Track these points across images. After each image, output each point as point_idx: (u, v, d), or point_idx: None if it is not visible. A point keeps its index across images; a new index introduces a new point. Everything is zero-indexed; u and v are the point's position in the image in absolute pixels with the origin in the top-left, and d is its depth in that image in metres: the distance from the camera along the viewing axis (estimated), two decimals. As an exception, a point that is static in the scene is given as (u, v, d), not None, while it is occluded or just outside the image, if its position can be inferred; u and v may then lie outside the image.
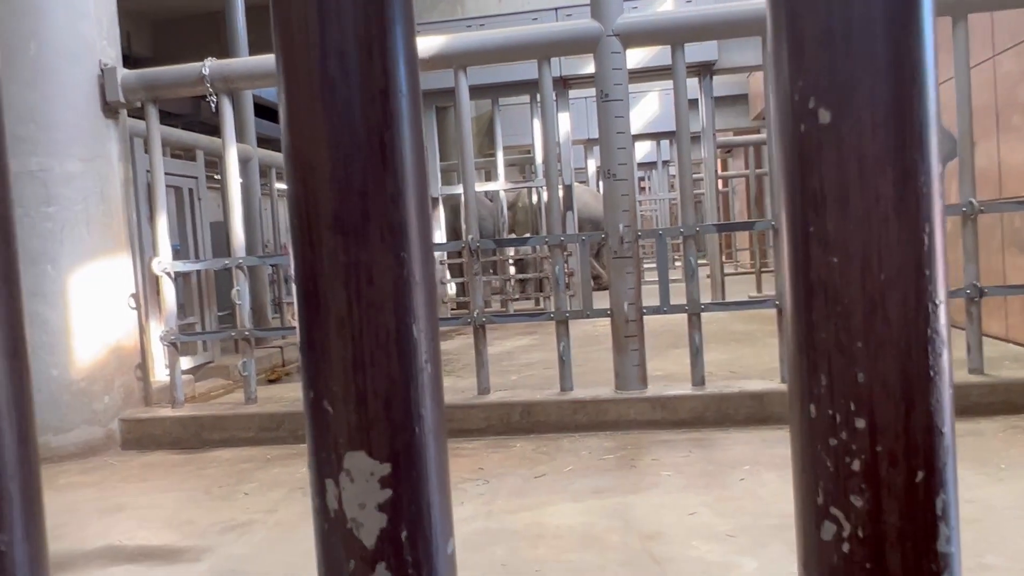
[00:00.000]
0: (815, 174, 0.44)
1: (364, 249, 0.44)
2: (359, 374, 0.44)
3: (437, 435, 0.47)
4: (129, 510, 3.49)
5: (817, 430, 0.45)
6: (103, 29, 4.76)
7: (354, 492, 0.45)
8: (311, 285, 0.44)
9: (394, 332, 0.45)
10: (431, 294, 0.46)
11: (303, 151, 0.45)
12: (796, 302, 0.44)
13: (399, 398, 0.45)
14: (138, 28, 11.83)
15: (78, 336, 4.58)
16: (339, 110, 0.45)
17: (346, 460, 0.46)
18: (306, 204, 0.44)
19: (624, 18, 4.37)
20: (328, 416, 0.45)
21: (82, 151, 4.61)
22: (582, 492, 3.26)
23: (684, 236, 4.47)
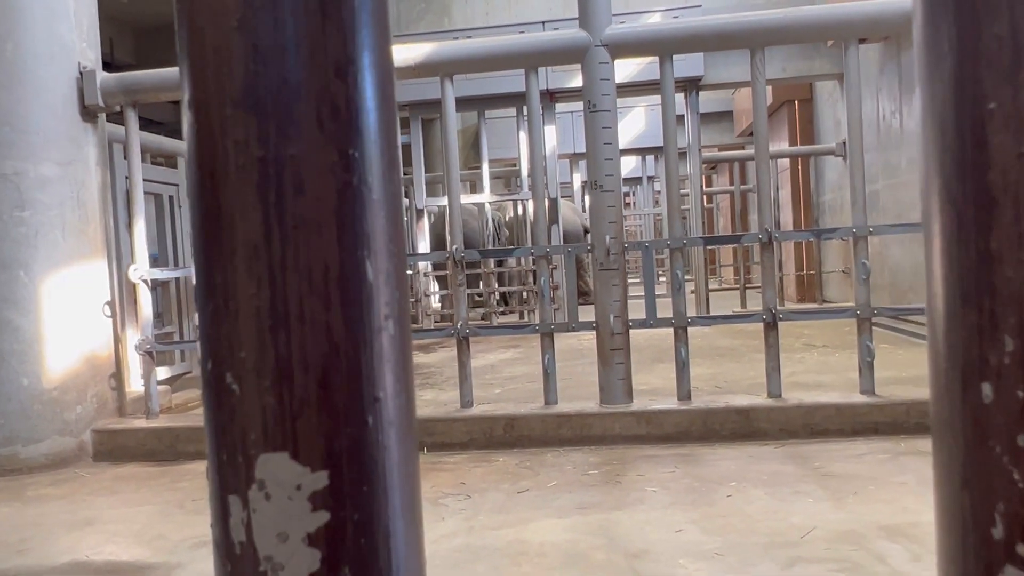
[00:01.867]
0: (1002, 16, 0.28)
1: (291, 139, 0.28)
2: (280, 334, 0.28)
3: (402, 429, 0.31)
4: (98, 524, 3.37)
5: (994, 422, 0.29)
6: (83, 31, 4.67)
7: (271, 516, 0.28)
8: (209, 195, 0.29)
9: (336, 270, 0.29)
10: (395, 218, 0.30)
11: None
12: (959, 222, 0.28)
13: (343, 372, 0.29)
14: (121, 34, 11.73)
15: (51, 344, 4.46)
16: None
17: (259, 466, 0.31)
18: (203, 69, 0.30)
19: (612, 29, 4.34)
20: (233, 398, 0.29)
21: (58, 155, 4.51)
22: (566, 508, 3.18)
23: (671, 249, 4.43)
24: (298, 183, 0.28)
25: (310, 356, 0.29)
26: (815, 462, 3.62)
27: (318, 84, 0.29)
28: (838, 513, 2.93)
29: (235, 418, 0.29)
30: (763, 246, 4.33)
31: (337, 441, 0.29)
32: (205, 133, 0.30)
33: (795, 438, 4.03)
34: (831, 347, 6.81)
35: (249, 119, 0.29)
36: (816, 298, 10.73)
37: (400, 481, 0.30)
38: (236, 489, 0.29)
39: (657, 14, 10.14)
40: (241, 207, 0.29)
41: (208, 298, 0.30)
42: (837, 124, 10.27)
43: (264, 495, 0.29)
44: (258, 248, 0.29)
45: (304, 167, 0.28)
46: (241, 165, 0.28)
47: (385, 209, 0.30)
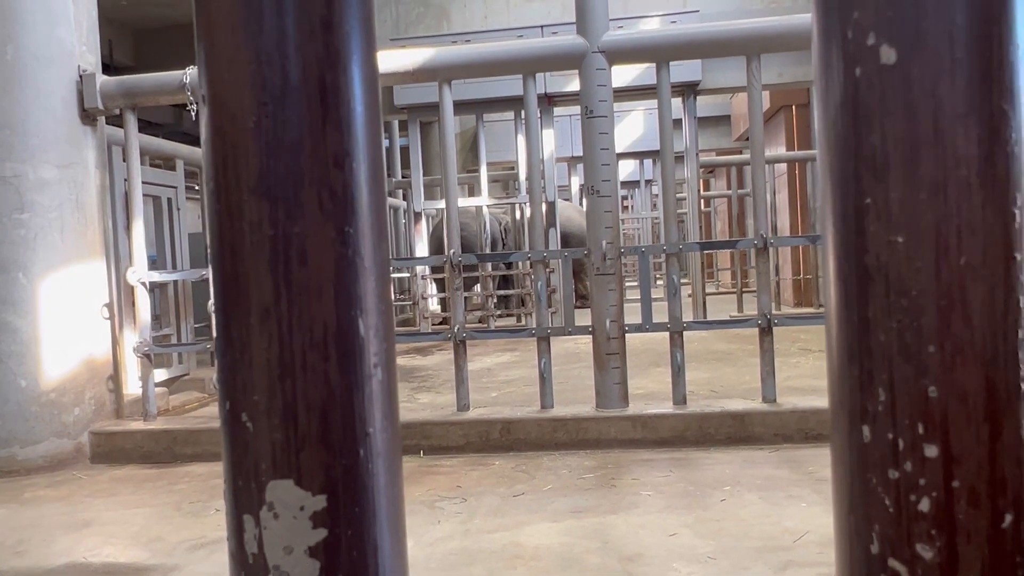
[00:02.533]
0: (875, 130, 0.34)
1: (296, 220, 0.34)
2: (287, 381, 0.34)
3: (389, 459, 0.36)
4: (96, 526, 3.39)
5: (872, 458, 0.35)
6: (83, 35, 4.69)
7: (278, 532, 0.34)
8: (228, 265, 0.35)
9: (334, 327, 0.35)
10: (383, 281, 0.35)
11: (222, 95, 0.35)
12: (845, 294, 0.35)
13: (339, 412, 0.34)
14: (120, 37, 11.75)
15: (49, 346, 4.48)
16: (269, 44, 0.35)
17: (269, 491, 0.36)
18: (224, 161, 0.35)
19: (610, 35, 4.37)
20: (247, 434, 0.34)
21: (58, 158, 4.53)
22: (561, 512, 3.20)
23: (667, 254, 4.45)
24: (302, 256, 0.33)
25: (312, 399, 0.33)
26: (809, 466, 3.64)
27: (319, 173, 0.33)
28: (831, 517, 2.94)
29: (249, 450, 0.33)
30: (759, 251, 4.36)
31: (334, 470, 0.33)
32: (225, 214, 0.34)
33: (790, 443, 4.06)
34: (827, 352, 6.83)
35: (262, 203, 0.33)
36: (813, 303, 10.76)
37: (386, 503, 0.35)
38: (249, 509, 0.34)
39: (655, 19, 10.17)
40: (255, 276, 0.33)
41: (227, 350, 0.34)
42: (834, 129, 10.30)
43: (273, 515, 0.33)
44: (269, 310, 0.33)
45: (308, 242, 0.33)
46: (255, 241, 0.33)
47: (375, 274, 0.34)
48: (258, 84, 0.35)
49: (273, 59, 0.35)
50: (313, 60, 0.34)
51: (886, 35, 0.34)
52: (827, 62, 0.36)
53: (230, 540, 0.35)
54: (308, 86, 0.34)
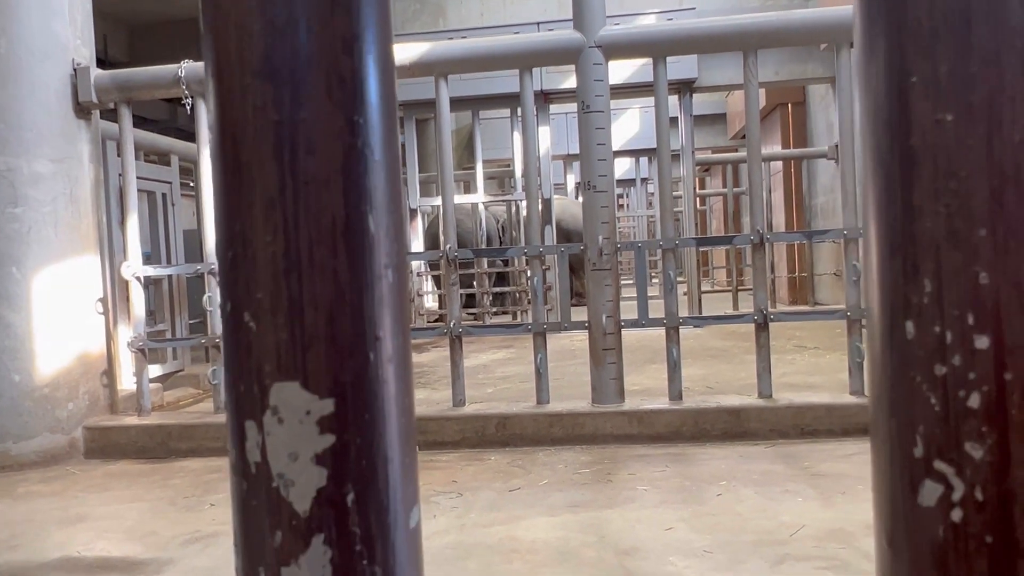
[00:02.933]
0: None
1: (303, 105, 0.32)
2: (293, 277, 0.32)
3: (399, 367, 0.34)
4: (90, 520, 3.37)
5: (916, 355, 0.32)
6: (77, 28, 4.66)
7: (283, 438, 0.32)
8: (230, 153, 0.33)
9: (343, 222, 0.33)
10: (394, 178, 0.34)
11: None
12: (887, 181, 0.32)
13: (348, 311, 0.33)
14: (115, 32, 11.70)
15: (42, 341, 4.45)
16: None
17: (273, 393, 0.33)
18: (226, 41, 0.33)
19: (606, 30, 4.36)
20: (250, 334, 0.33)
21: (52, 152, 4.51)
22: (557, 506, 3.20)
23: (663, 249, 4.45)
24: (309, 144, 0.31)
25: (319, 297, 0.32)
26: (805, 462, 3.64)
27: (327, 57, 0.32)
28: (827, 512, 2.95)
29: (251, 352, 0.32)
30: (755, 247, 4.36)
31: (342, 373, 0.32)
32: (227, 99, 0.32)
33: (785, 438, 4.06)
34: (822, 348, 6.84)
35: (266, 87, 0.32)
36: (808, 300, 10.78)
37: (397, 412, 0.33)
38: (252, 415, 0.32)
39: (651, 16, 10.17)
40: (259, 164, 0.32)
41: (228, 246, 0.33)
42: (830, 127, 10.32)
43: (277, 419, 0.32)
44: (274, 201, 0.31)
45: (315, 130, 0.32)
46: (259, 127, 0.31)
47: (385, 170, 0.33)
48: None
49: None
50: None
51: None
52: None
53: (231, 450, 0.34)
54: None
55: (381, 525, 0.34)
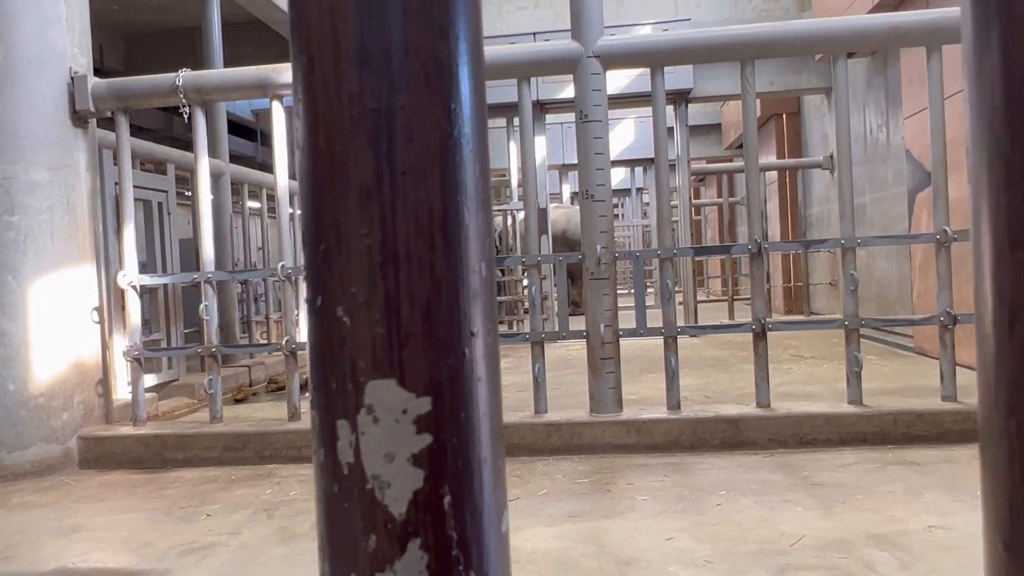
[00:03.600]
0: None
1: (400, 92, 0.31)
2: (389, 270, 0.31)
3: (491, 365, 0.33)
4: (85, 531, 3.34)
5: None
6: (75, 36, 4.66)
7: (378, 437, 0.31)
8: (323, 143, 0.31)
9: (439, 213, 0.31)
10: (484, 166, 0.33)
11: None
12: (1008, 170, 0.32)
13: (445, 307, 0.31)
14: (111, 41, 11.70)
15: (38, 350, 4.43)
16: None
17: (368, 391, 0.32)
18: (320, 28, 0.32)
19: (604, 40, 4.37)
20: (344, 329, 0.31)
21: (49, 160, 4.49)
22: (557, 516, 3.18)
23: (660, 258, 4.45)
24: (407, 132, 0.31)
25: (416, 292, 0.31)
26: (804, 471, 3.64)
27: (425, 43, 0.31)
28: (827, 521, 2.94)
29: (345, 348, 0.31)
30: (752, 257, 4.36)
31: (439, 370, 0.31)
32: (319, 86, 0.31)
33: (784, 447, 4.05)
34: (819, 358, 6.84)
35: (363, 74, 0.31)
36: (803, 310, 10.79)
37: (490, 411, 0.32)
38: (345, 414, 0.31)
39: (647, 27, 10.21)
40: (355, 154, 0.31)
41: (319, 238, 0.32)
42: (824, 137, 10.37)
43: (372, 419, 0.31)
44: (370, 191, 0.30)
45: (412, 118, 0.31)
46: (355, 116, 0.30)
47: (477, 160, 0.32)
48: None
49: None
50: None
51: None
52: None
53: (318, 451, 0.33)
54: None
55: (476, 529, 0.34)
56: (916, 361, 6.51)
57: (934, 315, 4.24)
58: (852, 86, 7.96)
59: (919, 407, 4.12)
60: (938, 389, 4.25)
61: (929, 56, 4.23)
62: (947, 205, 4.23)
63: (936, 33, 4.18)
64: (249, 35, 10.59)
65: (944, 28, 4.16)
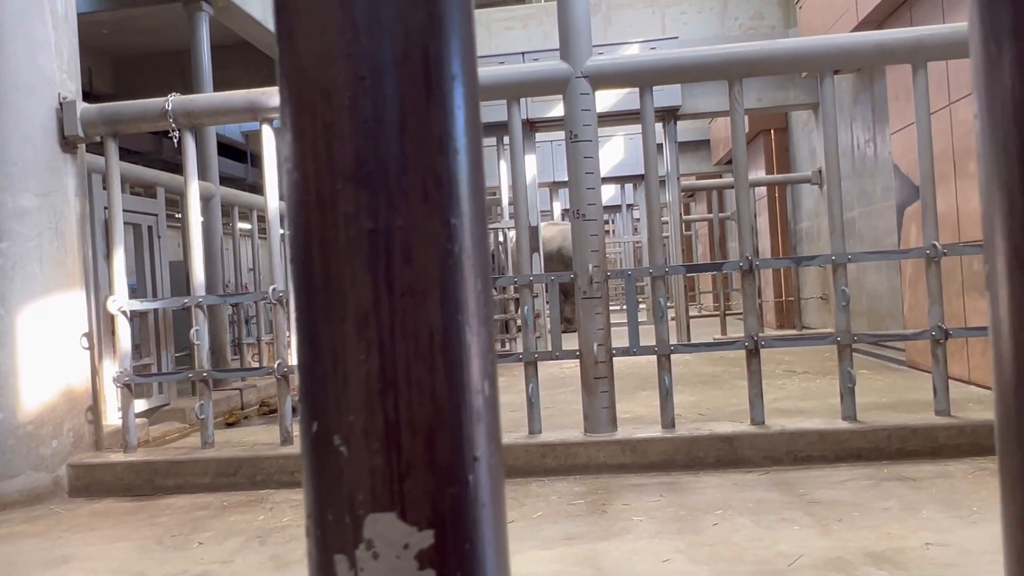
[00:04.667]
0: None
1: (399, 211, 0.29)
2: (389, 397, 0.29)
3: (495, 488, 0.32)
4: (75, 561, 3.30)
5: None
6: (63, 62, 4.65)
7: (379, 574, 0.29)
8: (318, 264, 0.29)
9: (440, 334, 0.30)
10: (486, 282, 0.31)
11: (310, 68, 0.31)
12: (1019, 188, 0.30)
13: (447, 433, 0.30)
14: (100, 65, 11.70)
15: (27, 377, 4.38)
16: (365, 10, 0.31)
17: (368, 525, 0.31)
18: (314, 144, 0.31)
19: (593, 60, 4.40)
20: (340, 459, 0.29)
21: (37, 186, 4.47)
22: (552, 539, 3.16)
23: (652, 276, 4.45)
24: (406, 253, 0.29)
25: (417, 418, 0.29)
26: (799, 489, 3.62)
27: (424, 158, 0.30)
28: (824, 540, 2.93)
29: (343, 479, 0.30)
30: (743, 274, 4.37)
31: (441, 500, 0.29)
32: (315, 206, 0.30)
33: (779, 465, 4.04)
34: (811, 373, 6.85)
35: (360, 192, 0.30)
36: (795, 324, 10.81)
37: (494, 537, 0.31)
38: (342, 548, 0.30)
39: (635, 46, 10.28)
40: (352, 276, 0.29)
41: (315, 363, 0.30)
42: (812, 153, 10.43)
43: (372, 554, 0.29)
44: (368, 315, 0.29)
45: (412, 237, 0.29)
46: (351, 236, 0.29)
47: (479, 274, 0.31)
48: (355, 55, 0.30)
49: (373, 28, 0.31)
50: (416, 29, 0.30)
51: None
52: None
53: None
54: (412, 58, 0.30)
55: None
56: (908, 375, 6.52)
57: (926, 330, 4.25)
58: (839, 102, 8.02)
59: (913, 422, 4.12)
60: (931, 403, 4.25)
61: (915, 72, 4.26)
62: (936, 219, 4.25)
63: (921, 50, 4.22)
64: (238, 57, 10.61)
65: (929, 45, 4.20)
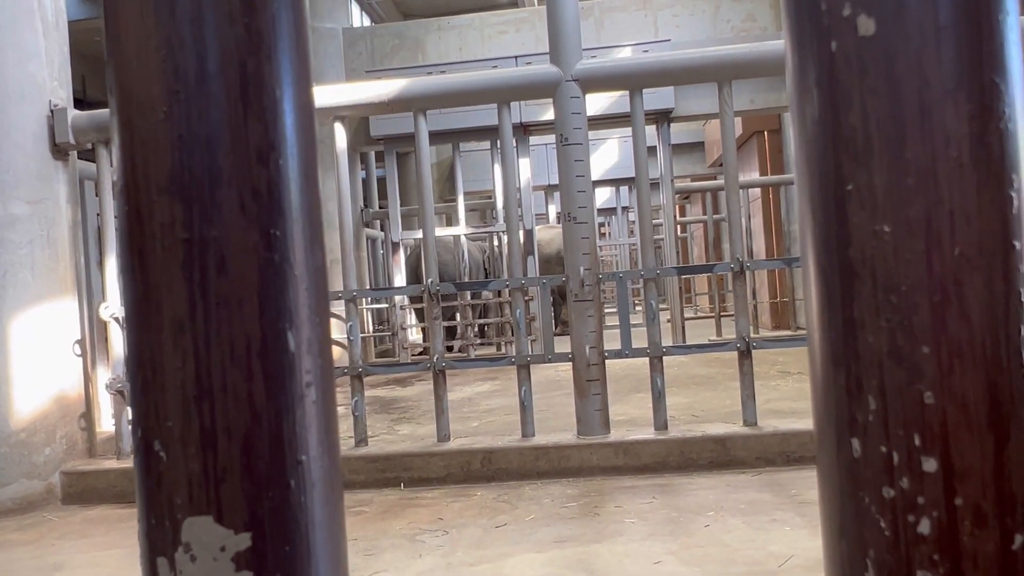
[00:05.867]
0: (855, 110, 0.31)
1: (214, 222, 0.30)
2: (204, 404, 0.30)
3: (325, 490, 0.31)
4: (67, 569, 3.29)
5: (864, 475, 0.31)
6: (54, 70, 4.65)
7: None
8: (138, 274, 0.31)
9: (258, 342, 0.31)
10: (318, 290, 0.33)
11: (130, 84, 0.31)
12: (827, 293, 0.31)
13: (265, 438, 0.30)
14: (94, 72, 11.71)
15: (19, 385, 4.38)
16: (182, 28, 0.31)
17: (185, 529, 0.32)
18: (132, 158, 0.32)
19: (583, 63, 4.41)
20: (160, 465, 0.30)
21: (28, 194, 4.47)
22: (544, 542, 3.16)
23: (644, 279, 4.46)
24: (220, 262, 0.30)
25: (233, 424, 0.30)
26: (792, 489, 3.63)
27: (240, 170, 0.31)
28: (815, 540, 2.93)
29: (162, 483, 0.30)
30: (735, 275, 4.38)
31: (259, 504, 0.30)
32: (133, 216, 0.31)
33: (772, 466, 4.04)
34: (805, 373, 6.83)
35: (175, 204, 0.30)
36: (790, 325, 10.83)
37: (323, 540, 0.32)
38: (163, 551, 0.30)
39: (627, 49, 10.31)
40: (168, 285, 0.30)
41: (138, 370, 0.31)
42: (806, 154, 10.45)
43: (190, 557, 0.30)
44: (183, 324, 0.30)
45: (227, 247, 0.30)
46: (167, 246, 0.30)
47: (308, 282, 0.32)
48: (169, 71, 0.31)
49: (187, 44, 0.32)
50: (232, 45, 0.31)
51: (863, 4, 0.31)
52: (799, 39, 0.33)
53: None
54: (227, 74, 0.31)
55: None
56: (902, 374, 6.52)
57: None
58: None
59: (905, 422, 4.13)
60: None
61: (903, 74, 4.28)
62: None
63: (909, 51, 4.23)
64: (232, 63, 10.64)
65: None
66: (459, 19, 12.32)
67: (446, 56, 11.91)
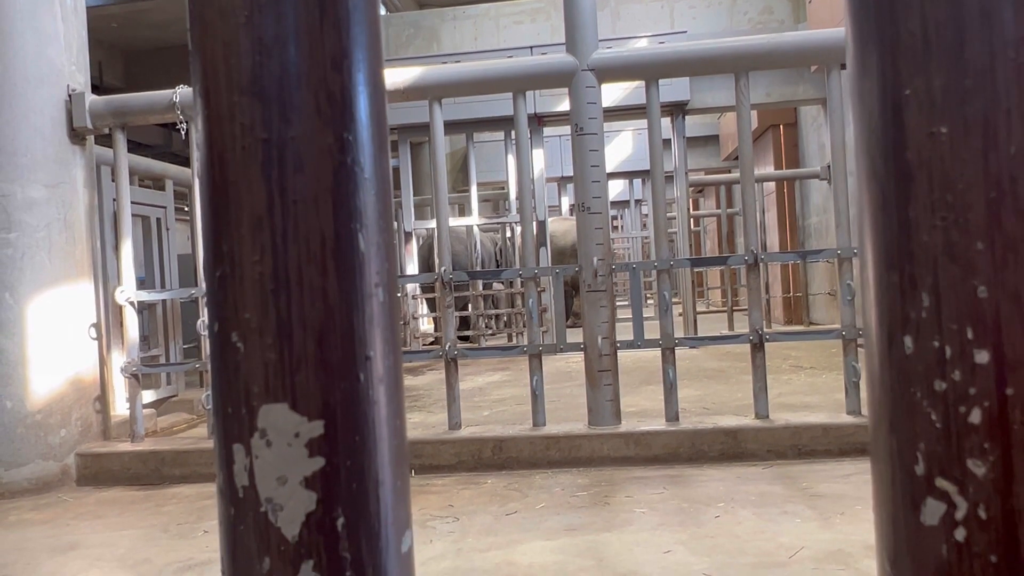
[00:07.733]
0: (914, 13, 0.32)
1: (292, 123, 0.31)
2: (281, 297, 0.31)
3: (391, 387, 0.33)
4: (82, 548, 3.33)
5: (915, 371, 0.32)
6: (72, 54, 4.68)
7: (271, 461, 0.31)
8: (218, 173, 0.32)
9: (332, 240, 0.32)
10: (385, 196, 0.33)
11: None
12: (882, 196, 0.32)
13: (337, 332, 0.32)
14: (110, 58, 11.76)
15: (35, 367, 4.43)
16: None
17: (261, 416, 0.33)
18: (214, 60, 0.33)
19: (599, 53, 4.39)
20: (238, 355, 0.32)
21: (46, 177, 4.51)
22: (555, 530, 3.17)
23: (658, 270, 4.45)
24: (298, 162, 0.31)
25: (308, 317, 0.31)
26: (803, 482, 3.63)
27: (316, 74, 0.32)
28: (826, 533, 2.93)
29: (239, 373, 0.32)
30: (749, 268, 4.36)
31: (332, 394, 0.31)
32: (214, 117, 0.32)
33: (783, 459, 4.04)
34: (818, 368, 6.83)
35: (255, 105, 0.31)
36: (803, 320, 10.79)
37: (389, 434, 0.33)
38: (240, 438, 0.32)
39: (643, 40, 10.26)
40: (247, 183, 0.31)
41: (215, 265, 0.33)
42: (821, 148, 10.39)
43: (265, 442, 0.31)
44: (262, 220, 0.31)
45: (303, 148, 0.31)
46: (247, 146, 0.31)
47: (376, 187, 0.33)
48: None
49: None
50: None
51: None
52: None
53: (218, 474, 0.34)
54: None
55: (372, 550, 0.33)
56: (916, 371, 6.49)
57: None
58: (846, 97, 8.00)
59: (918, 417, 4.11)
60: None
61: (922, 67, 4.24)
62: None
63: (929, 44, 4.20)
64: (247, 51, 10.66)
65: (937, 39, 4.18)
66: (475, 9, 12.29)
67: (461, 46, 11.90)
